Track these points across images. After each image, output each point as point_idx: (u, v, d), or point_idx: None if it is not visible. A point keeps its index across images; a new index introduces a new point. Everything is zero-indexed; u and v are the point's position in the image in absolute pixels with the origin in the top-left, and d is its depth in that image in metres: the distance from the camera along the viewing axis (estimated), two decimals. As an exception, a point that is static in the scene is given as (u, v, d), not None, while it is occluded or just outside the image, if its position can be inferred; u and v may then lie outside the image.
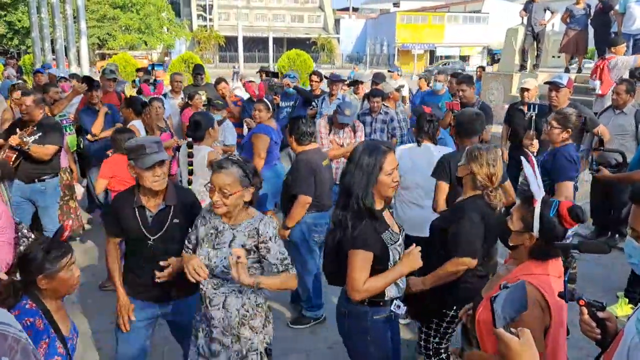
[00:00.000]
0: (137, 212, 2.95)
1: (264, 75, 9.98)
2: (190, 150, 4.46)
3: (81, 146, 6.71)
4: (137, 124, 5.63)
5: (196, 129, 4.61)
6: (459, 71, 12.08)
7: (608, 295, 4.77)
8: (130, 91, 6.33)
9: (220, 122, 6.02)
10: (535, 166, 2.24)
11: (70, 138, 6.51)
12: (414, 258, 2.55)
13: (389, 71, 11.84)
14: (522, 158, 2.31)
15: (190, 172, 4.48)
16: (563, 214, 2.07)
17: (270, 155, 5.56)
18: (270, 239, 2.62)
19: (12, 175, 4.83)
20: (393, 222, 2.71)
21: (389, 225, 2.63)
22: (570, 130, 4.02)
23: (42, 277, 2.21)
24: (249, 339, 2.69)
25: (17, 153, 4.89)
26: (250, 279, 2.46)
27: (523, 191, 3.92)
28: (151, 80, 8.45)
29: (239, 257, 2.41)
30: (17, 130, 4.93)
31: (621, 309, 4.63)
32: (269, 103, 5.72)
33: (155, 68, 9.19)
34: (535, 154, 4.88)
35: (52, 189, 5.28)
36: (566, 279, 2.15)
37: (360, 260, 2.49)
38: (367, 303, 2.62)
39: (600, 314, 1.92)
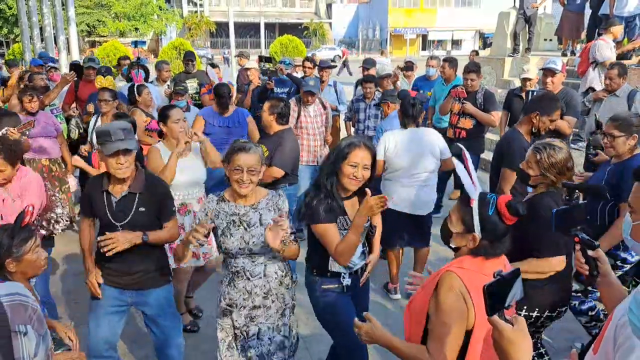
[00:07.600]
0: (104, 197, 3.02)
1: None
2: None
3: (71, 135, 6.64)
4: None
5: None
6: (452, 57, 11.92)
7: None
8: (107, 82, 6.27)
9: (184, 110, 5.92)
10: (470, 162, 2.10)
11: (62, 127, 6.42)
12: (370, 205, 2.60)
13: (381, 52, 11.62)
14: (454, 156, 2.20)
15: None
16: (502, 210, 1.98)
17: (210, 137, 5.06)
18: (286, 213, 2.86)
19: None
20: (353, 212, 2.81)
21: (347, 213, 2.86)
22: (636, 134, 3.47)
23: (10, 261, 2.36)
24: (284, 295, 2.97)
25: None
26: (279, 245, 2.64)
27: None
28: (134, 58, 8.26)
29: (281, 225, 2.58)
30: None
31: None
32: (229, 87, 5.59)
33: (141, 61, 9.10)
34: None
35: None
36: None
37: (328, 232, 2.77)
38: (316, 273, 2.96)
39: (590, 253, 2.08)
